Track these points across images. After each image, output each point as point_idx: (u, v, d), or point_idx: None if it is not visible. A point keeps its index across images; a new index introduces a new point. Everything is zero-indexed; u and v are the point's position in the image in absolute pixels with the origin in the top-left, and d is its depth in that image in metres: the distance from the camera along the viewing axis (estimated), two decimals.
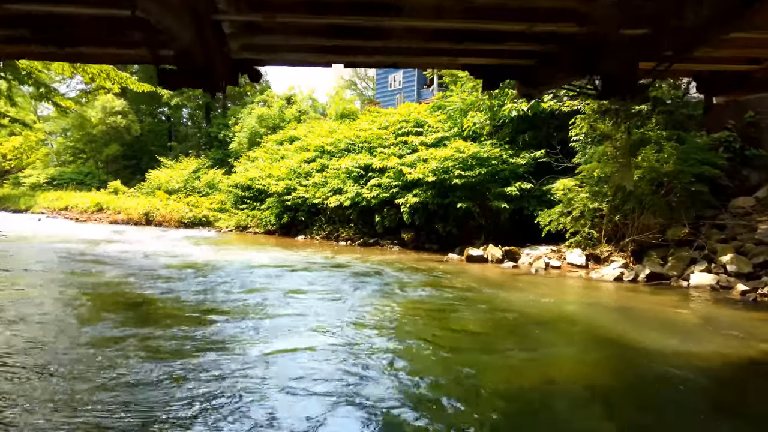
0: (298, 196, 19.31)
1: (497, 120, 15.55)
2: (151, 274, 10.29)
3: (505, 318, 7.32)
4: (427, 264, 12.40)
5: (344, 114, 27.63)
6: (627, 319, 7.26)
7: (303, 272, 10.70)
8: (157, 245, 15.78)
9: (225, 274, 10.35)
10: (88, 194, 32.04)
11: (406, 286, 9.54)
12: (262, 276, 10.02)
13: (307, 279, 9.87)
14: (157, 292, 8.63)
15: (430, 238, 15.51)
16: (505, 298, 8.53)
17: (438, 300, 8.32)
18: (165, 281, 9.51)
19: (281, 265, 11.49)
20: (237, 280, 9.52)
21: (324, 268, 11.38)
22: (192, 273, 10.50)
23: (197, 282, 9.43)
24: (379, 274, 10.70)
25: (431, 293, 8.79)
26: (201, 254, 13.58)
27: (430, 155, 15.06)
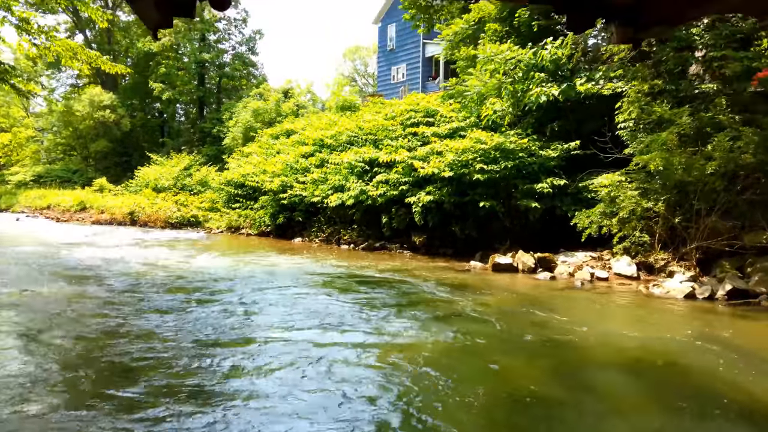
0: (294, 194, 17.38)
1: (521, 107, 13.62)
2: (112, 296, 8.34)
3: (576, 365, 5.38)
4: (447, 274, 10.47)
5: (345, 106, 25.71)
6: (749, 365, 5.30)
7: (307, 292, 8.72)
8: (136, 251, 13.84)
9: (209, 294, 8.38)
10: (71, 192, 30.08)
11: (433, 306, 7.61)
12: (259, 300, 7.98)
13: (314, 304, 7.80)
14: (112, 330, 6.68)
15: (444, 242, 13.58)
16: (560, 326, 6.60)
17: (481, 335, 6.35)
18: (130, 308, 7.55)
19: (280, 284, 9.41)
20: (226, 309, 7.50)
21: (330, 283, 9.40)
22: (168, 294, 8.52)
23: (176, 310, 7.46)
24: (396, 290, 8.77)
25: (470, 324, 6.83)
26: (184, 263, 11.60)
27: (445, 147, 13.12)
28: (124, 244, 15.46)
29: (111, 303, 7.51)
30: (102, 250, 13.78)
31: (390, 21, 35.42)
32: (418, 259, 12.80)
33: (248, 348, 5.55)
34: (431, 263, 12.12)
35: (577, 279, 9.74)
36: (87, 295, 8.07)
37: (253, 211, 19.99)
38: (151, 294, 8.09)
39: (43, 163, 46.49)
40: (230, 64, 43.35)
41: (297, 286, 8.93)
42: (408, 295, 8.33)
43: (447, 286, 9.08)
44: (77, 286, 8.70)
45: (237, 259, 12.46)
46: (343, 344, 5.68)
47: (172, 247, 14.75)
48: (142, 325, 6.32)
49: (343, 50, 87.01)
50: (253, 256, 13.26)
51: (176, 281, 9.08)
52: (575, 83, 12.55)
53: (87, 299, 7.81)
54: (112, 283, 8.92)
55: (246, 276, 9.72)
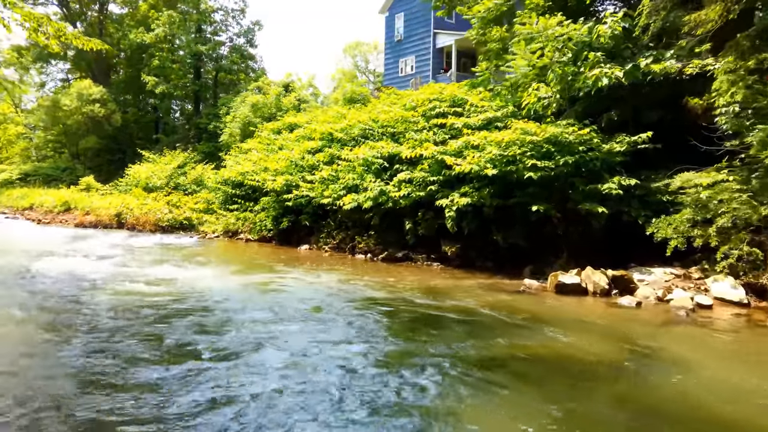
0: (300, 195, 15.24)
1: (573, 92, 11.50)
2: (69, 336, 6.16)
3: None
4: (499, 297, 8.34)
5: (353, 98, 23.58)
6: None
7: (328, 329, 6.53)
8: (117, 263, 11.64)
9: (200, 335, 6.19)
10: (55, 192, 27.84)
11: (510, 364, 5.48)
12: (264, 362, 5.46)
13: (339, 358, 5.52)
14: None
15: (482, 253, 11.45)
16: (725, 400, 4.48)
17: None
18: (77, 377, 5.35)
19: (287, 316, 6.99)
20: (212, 375, 5.28)
21: (353, 314, 7.20)
22: (139, 343, 6.29)
23: (154, 362, 5.29)
24: (441, 324, 6.64)
25: (586, 403, 4.67)
26: (170, 281, 9.34)
27: (484, 140, 10.99)
28: (104, 254, 13.26)
29: (58, 363, 5.35)
30: (79, 261, 11.59)
31: (397, 10, 33.27)
32: (454, 275, 10.66)
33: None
34: (471, 280, 9.98)
35: (677, 307, 7.57)
36: (29, 340, 5.91)
37: (253, 213, 17.84)
38: (115, 344, 5.93)
39: (33, 161, 44.25)
40: (227, 57, 41.13)
41: (319, 327, 6.73)
42: (452, 328, 6.20)
43: (506, 316, 6.94)
44: (18, 326, 6.52)
45: (234, 276, 10.27)
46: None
47: (159, 258, 12.55)
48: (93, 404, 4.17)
49: (343, 45, 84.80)
50: (254, 271, 11.09)
51: (155, 315, 6.89)
52: (639, 63, 10.47)
53: (23, 346, 5.66)
54: (70, 320, 6.72)
55: (244, 307, 7.48)
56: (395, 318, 6.83)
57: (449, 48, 30.58)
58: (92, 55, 42.43)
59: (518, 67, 11.60)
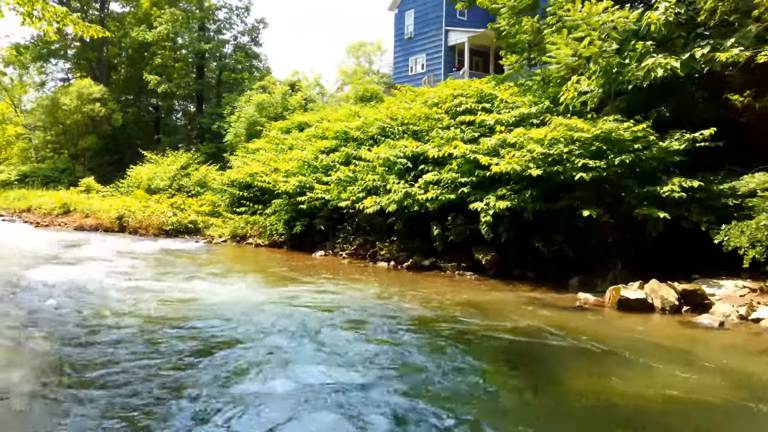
0: (315, 197, 14.23)
1: (618, 85, 10.53)
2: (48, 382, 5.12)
3: None
4: (552, 314, 7.34)
5: (365, 96, 22.58)
6: None
7: (365, 358, 5.49)
8: (116, 272, 10.62)
9: (243, 380, 4.93)
10: (54, 193, 26.83)
11: (607, 403, 4.47)
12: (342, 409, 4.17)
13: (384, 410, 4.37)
14: None
15: (521, 262, 10.45)
16: None
17: None
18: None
19: (340, 352, 5.46)
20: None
21: (412, 343, 6.02)
22: (141, 383, 5.09)
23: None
24: (513, 353, 5.64)
25: None
26: (187, 300, 8.10)
27: (523, 137, 9.99)
28: (107, 262, 12.26)
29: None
30: (80, 271, 10.54)
31: (407, 7, 32.30)
32: (493, 287, 9.65)
33: None
34: (514, 293, 8.97)
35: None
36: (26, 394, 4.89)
37: (263, 216, 16.84)
38: (142, 400, 4.88)
39: (32, 162, 43.27)
40: (231, 56, 40.20)
41: (367, 360, 5.59)
42: (551, 373, 5.19)
43: (578, 341, 5.94)
44: (9, 368, 5.48)
45: (256, 290, 9.19)
46: None
47: (167, 268, 11.53)
48: None
49: (345, 46, 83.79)
50: (275, 284, 10.06)
51: (180, 350, 5.72)
52: (695, 53, 9.51)
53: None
54: (77, 357, 5.62)
55: (263, 329, 6.33)
56: (458, 346, 5.75)
57: (461, 46, 29.61)
58: (93, 54, 41.53)
59: (562, 58, 10.60)
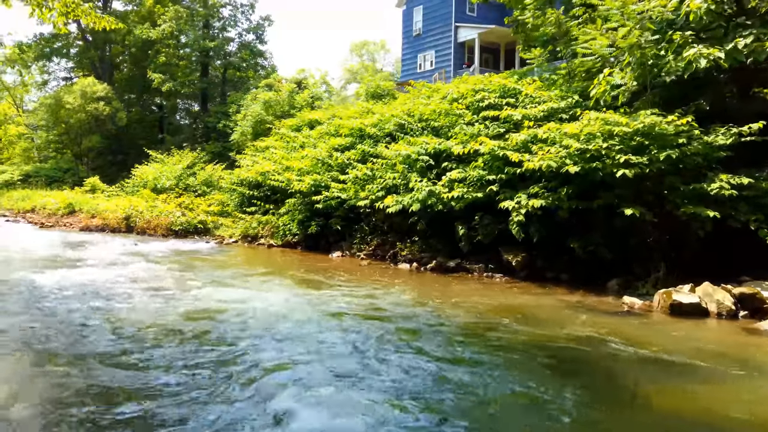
0: (331, 196, 13.77)
1: (654, 78, 10.05)
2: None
3: None
4: (602, 320, 6.87)
5: (376, 93, 22.11)
6: None
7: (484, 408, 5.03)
8: (127, 276, 10.16)
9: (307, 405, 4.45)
10: (59, 193, 26.37)
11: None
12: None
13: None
14: None
15: (553, 264, 9.98)
16: None
17: None
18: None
19: (402, 366, 4.96)
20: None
21: (453, 356, 5.52)
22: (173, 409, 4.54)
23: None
24: (577, 366, 5.17)
25: None
26: (196, 303, 7.67)
27: (557, 132, 9.53)
28: (119, 264, 11.80)
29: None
30: (90, 274, 10.10)
31: (416, 4, 31.82)
32: (526, 290, 9.17)
33: None
34: (551, 297, 8.50)
35: None
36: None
37: (276, 216, 16.36)
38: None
39: (35, 162, 42.80)
40: (236, 54, 39.74)
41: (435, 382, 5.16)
42: (634, 390, 4.71)
43: (631, 349, 5.48)
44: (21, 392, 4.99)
45: (278, 294, 8.70)
46: None
47: (183, 270, 11.06)
48: None
49: (349, 45, 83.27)
50: (297, 287, 9.59)
51: (198, 366, 5.19)
52: (738, 43, 9.03)
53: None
54: (107, 379, 5.15)
55: (313, 348, 5.54)
56: (519, 361, 5.25)
57: (471, 42, 29.13)
58: (95, 53, 41.06)
59: (597, 49, 10.11)
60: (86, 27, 42.58)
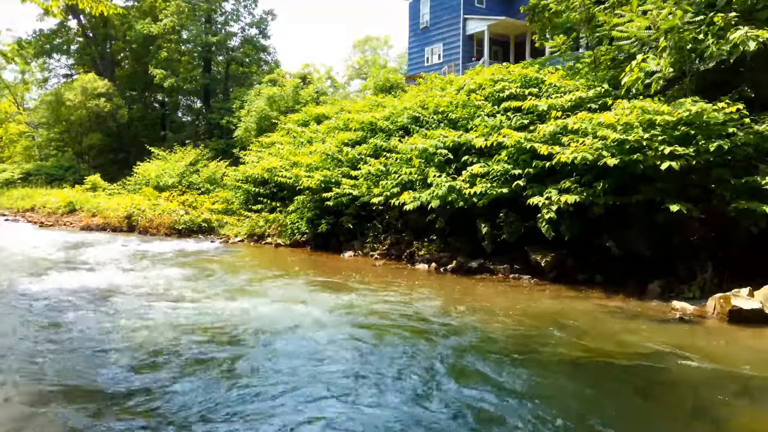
0: (342, 193, 13.10)
1: (692, 63, 9.34)
2: None
3: None
4: (654, 328, 6.20)
5: (385, 87, 21.41)
6: None
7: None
8: (141, 281, 9.51)
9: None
10: (59, 192, 25.76)
11: None
12: None
13: None
14: None
15: (585, 264, 9.28)
16: None
17: None
18: None
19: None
20: None
21: (504, 379, 4.69)
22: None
23: None
24: (649, 387, 4.51)
25: None
26: (224, 324, 6.73)
27: (587, 123, 8.83)
28: (117, 266, 11.16)
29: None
30: (83, 279, 9.45)
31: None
32: (557, 293, 8.48)
33: None
34: (586, 301, 7.82)
35: None
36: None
37: (283, 214, 15.69)
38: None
39: (36, 160, 42.20)
40: (239, 49, 39.04)
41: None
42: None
43: (700, 363, 4.80)
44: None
45: (297, 302, 8.02)
46: None
47: (184, 275, 10.39)
48: None
49: (352, 41, 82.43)
50: (315, 291, 8.91)
51: (227, 405, 4.51)
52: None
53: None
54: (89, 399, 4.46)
55: (354, 369, 4.95)
56: (587, 381, 4.59)
57: (480, 35, 28.38)
58: (96, 49, 40.42)
59: (634, 32, 9.39)
60: (87, 23, 41.97)
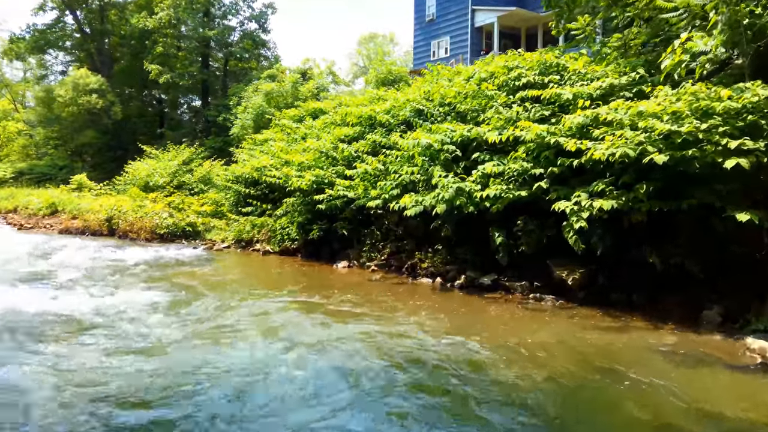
0: (336, 195, 11.59)
1: (748, 42, 7.77)
2: None
3: None
4: (726, 379, 4.70)
5: (387, 80, 19.89)
6: None
7: None
8: (75, 308, 8.04)
9: None
10: (43, 192, 24.41)
11: None
12: None
13: None
14: None
15: (619, 281, 7.71)
16: None
17: None
18: None
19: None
20: None
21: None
22: None
23: None
24: None
25: None
26: (168, 383, 5.48)
27: (624, 113, 7.29)
28: (72, 280, 9.71)
29: None
30: (22, 296, 8.03)
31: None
32: (590, 319, 6.94)
33: None
34: (631, 332, 6.27)
35: None
36: None
37: (273, 218, 14.20)
38: None
39: (33, 159, 40.99)
40: (238, 44, 37.61)
41: None
42: None
43: None
44: None
45: (278, 335, 6.54)
46: None
47: (145, 297, 8.89)
48: None
49: (357, 37, 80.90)
50: (313, 316, 7.45)
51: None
52: None
53: None
54: None
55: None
56: None
57: (490, 27, 26.80)
58: (93, 45, 39.12)
59: (682, 2, 7.84)
60: (83, 18, 40.64)
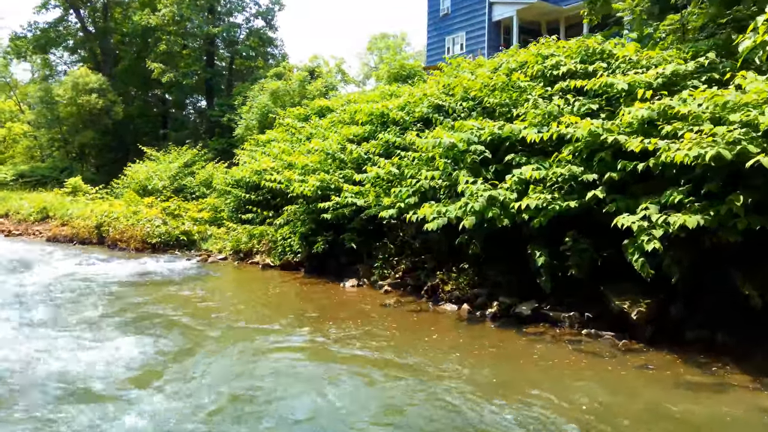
0: (343, 203, 10.10)
1: None
2: None
3: None
4: None
5: (400, 76, 18.38)
6: None
7: None
8: (24, 351, 6.61)
9: None
10: (35, 196, 23.15)
11: None
12: None
13: None
14: None
15: (696, 317, 6.14)
16: None
17: None
18: None
19: None
20: None
21: None
22: None
23: None
24: None
25: None
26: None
27: (710, 102, 5.75)
28: (39, 301, 8.30)
29: None
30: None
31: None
32: (665, 369, 5.38)
33: None
34: (731, 393, 4.74)
35: None
36: None
37: (274, 227, 12.74)
38: None
39: (37, 161, 39.98)
40: (244, 41, 36.29)
41: None
42: None
43: None
44: None
45: (248, 390, 5.10)
46: None
47: (115, 336, 7.46)
48: None
49: (368, 38, 79.44)
50: (286, 367, 5.96)
51: None
52: None
53: None
54: None
55: None
56: None
57: (508, 21, 25.25)
58: (95, 43, 37.97)
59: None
60: (87, 16, 39.51)
